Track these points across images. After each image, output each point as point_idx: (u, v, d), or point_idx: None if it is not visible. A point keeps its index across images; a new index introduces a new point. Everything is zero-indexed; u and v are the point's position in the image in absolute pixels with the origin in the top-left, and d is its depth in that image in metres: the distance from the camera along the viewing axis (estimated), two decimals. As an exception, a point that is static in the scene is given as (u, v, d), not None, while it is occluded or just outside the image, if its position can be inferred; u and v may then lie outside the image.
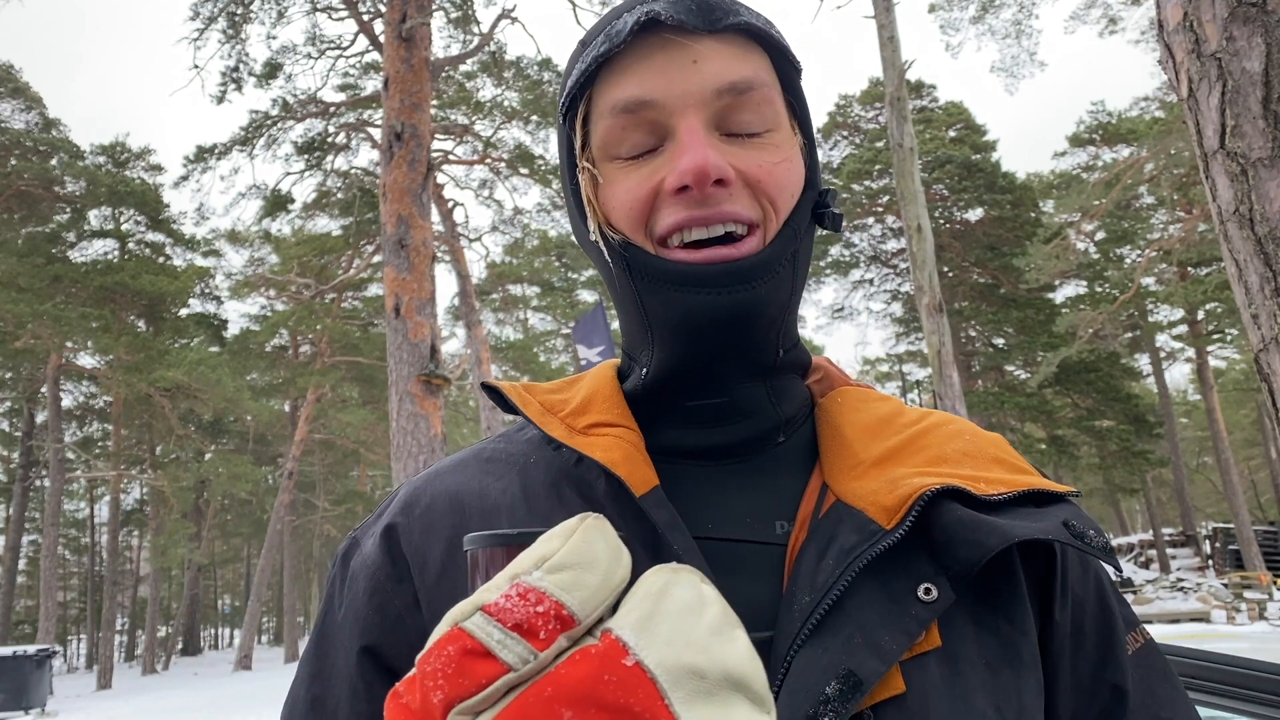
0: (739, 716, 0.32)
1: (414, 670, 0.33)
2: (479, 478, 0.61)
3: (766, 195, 0.56)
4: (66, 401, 27.42)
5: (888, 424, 0.61)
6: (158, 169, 26.23)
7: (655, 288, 0.56)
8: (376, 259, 18.54)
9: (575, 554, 0.33)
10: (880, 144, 24.34)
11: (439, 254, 14.79)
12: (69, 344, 22.70)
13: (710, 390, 0.59)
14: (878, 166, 24.22)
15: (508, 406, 0.63)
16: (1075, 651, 0.58)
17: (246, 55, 14.31)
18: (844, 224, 0.66)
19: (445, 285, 60.03)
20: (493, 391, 0.64)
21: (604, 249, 0.58)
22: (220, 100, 14.33)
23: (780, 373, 0.61)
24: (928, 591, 0.51)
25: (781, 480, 0.60)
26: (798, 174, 0.58)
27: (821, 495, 0.57)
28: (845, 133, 27.73)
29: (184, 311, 27.16)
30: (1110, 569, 0.57)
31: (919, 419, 0.62)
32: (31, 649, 13.79)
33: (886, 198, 24.64)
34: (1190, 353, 27.53)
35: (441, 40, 15.84)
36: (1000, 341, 26.27)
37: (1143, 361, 29.64)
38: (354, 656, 0.56)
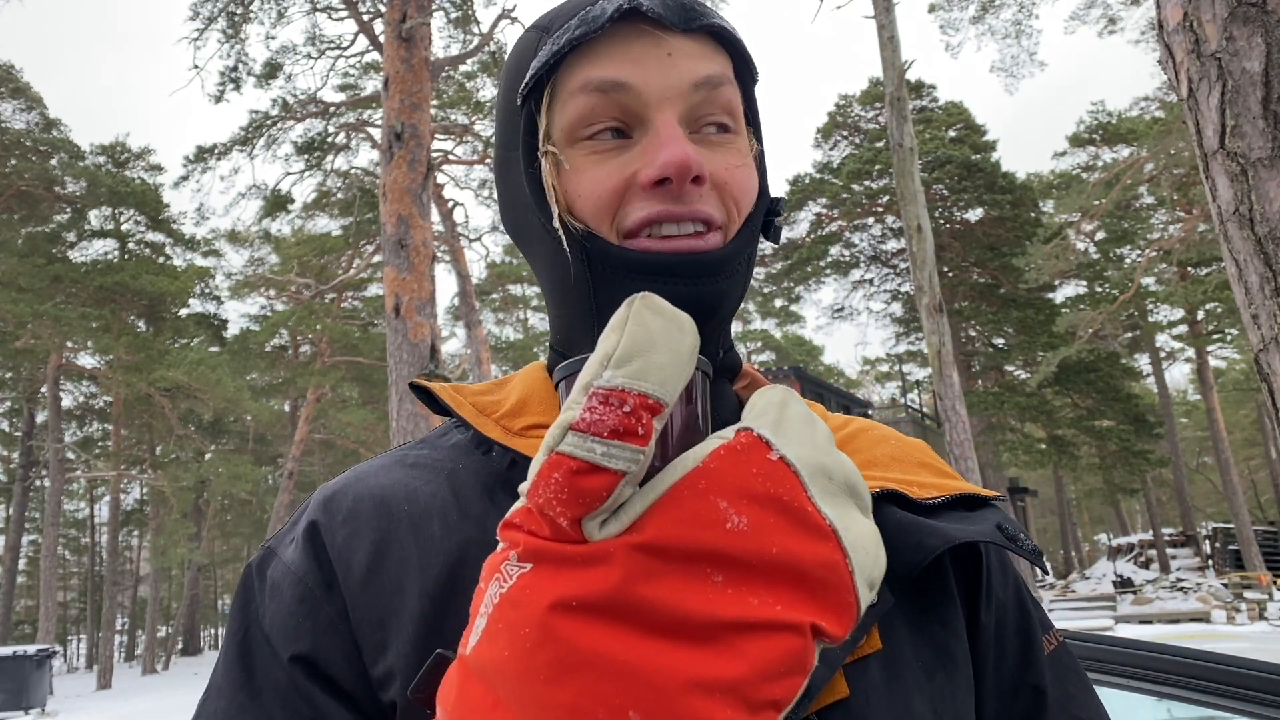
0: (859, 517, 0.34)
1: (521, 503, 0.34)
2: (405, 481, 0.57)
3: (731, 197, 0.55)
4: (66, 401, 27.43)
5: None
6: (158, 169, 26.22)
7: (615, 279, 0.54)
8: (376, 259, 18.54)
9: (635, 341, 0.33)
10: (880, 144, 24.34)
11: (439, 254, 14.78)
12: (69, 344, 22.70)
13: None
14: (878, 166, 24.22)
15: (439, 407, 0.60)
16: (999, 654, 0.59)
17: (246, 55, 14.32)
18: (781, 238, 0.65)
19: (445, 285, 60.09)
20: (422, 392, 0.61)
21: (563, 238, 0.55)
22: (219, 100, 14.34)
23: (718, 375, 0.61)
24: None
25: None
26: (755, 179, 0.58)
27: None
28: (845, 133, 27.72)
29: (184, 311, 27.15)
30: (1039, 570, 0.60)
31: (843, 424, 0.63)
32: (31, 649, 13.79)
33: (886, 198, 24.64)
34: (1190, 353, 27.53)
35: (441, 40, 15.85)
36: (1000, 341, 26.26)
37: (1143, 361, 29.65)
38: (285, 666, 0.52)
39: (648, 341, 0.33)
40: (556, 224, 0.55)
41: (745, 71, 0.59)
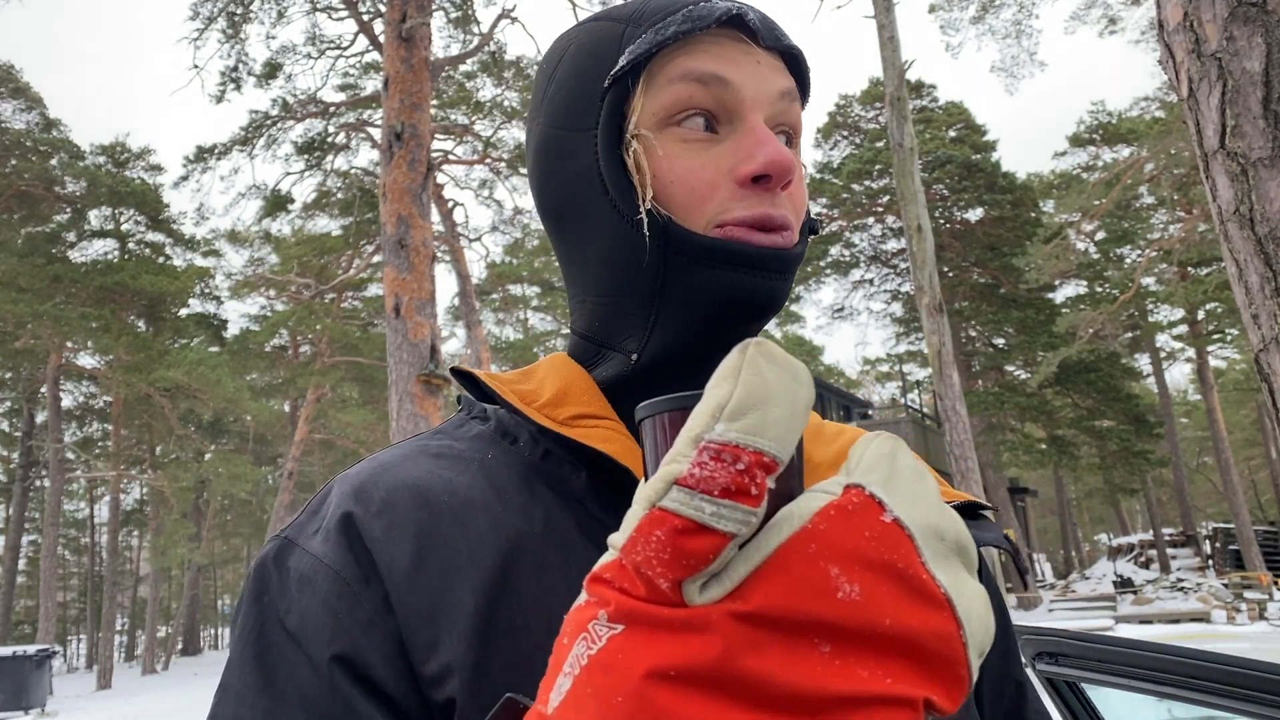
0: (970, 582, 0.32)
1: (613, 556, 0.32)
2: (437, 472, 0.56)
3: (797, 202, 0.58)
4: (66, 401, 27.44)
5: (818, 431, 0.64)
6: (158, 169, 26.23)
7: (692, 267, 0.54)
8: (376, 259, 18.54)
9: (751, 392, 0.31)
10: (880, 144, 24.35)
11: (439, 254, 14.79)
12: (69, 344, 22.72)
13: (694, 382, 0.58)
14: (878, 166, 24.22)
15: (481, 394, 0.60)
16: (991, 654, 0.63)
17: (246, 55, 14.32)
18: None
19: (445, 285, 60.05)
20: (465, 376, 0.61)
21: (644, 221, 0.55)
22: (219, 100, 14.35)
23: None
24: None
25: None
26: (806, 191, 0.62)
27: None
28: (845, 133, 27.73)
29: (184, 311, 27.16)
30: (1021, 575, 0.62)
31: (839, 430, 0.65)
32: (31, 649, 13.80)
33: (886, 198, 24.65)
34: (1190, 353, 27.54)
35: (441, 40, 15.85)
36: (1000, 341, 26.27)
37: (1143, 361, 29.66)
38: (324, 667, 0.49)
39: (764, 393, 0.31)
40: (647, 205, 0.55)
41: (805, 95, 0.63)
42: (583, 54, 0.59)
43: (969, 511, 0.59)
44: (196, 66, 13.24)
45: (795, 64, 0.60)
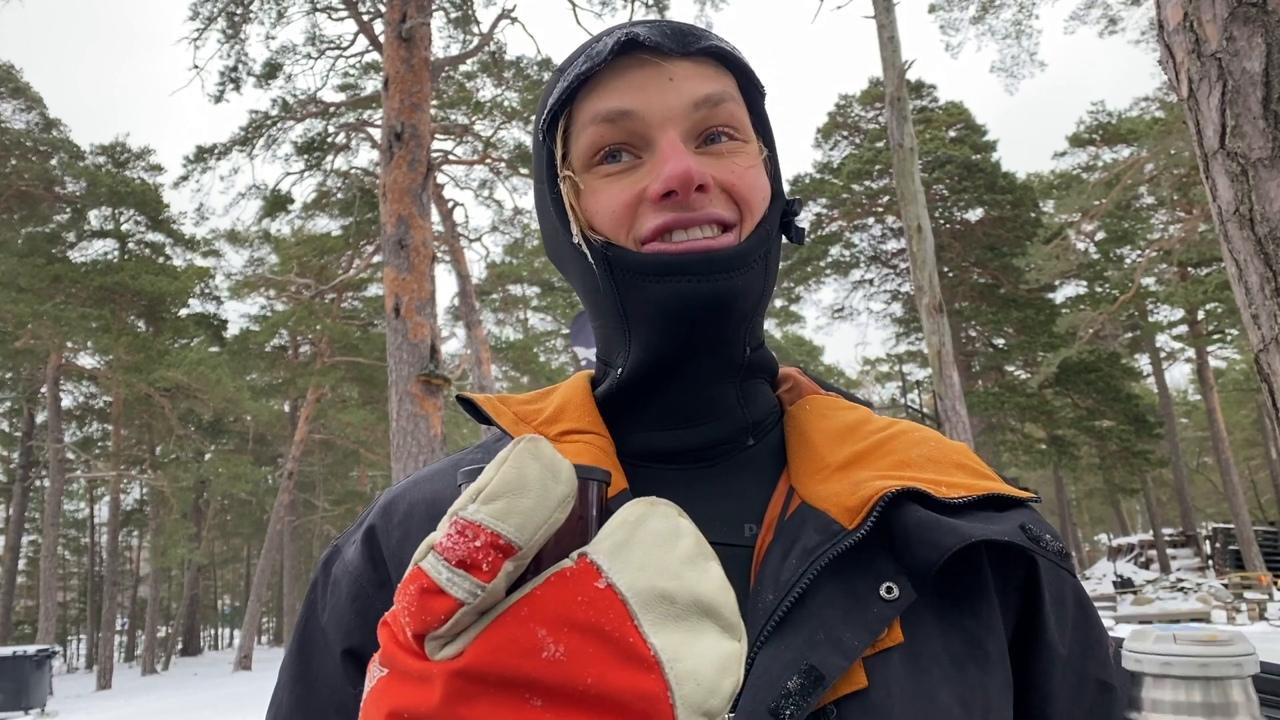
0: (708, 641, 0.33)
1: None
2: (456, 486, 0.61)
3: (740, 197, 0.59)
4: (66, 401, 27.41)
5: (854, 430, 0.63)
6: (158, 169, 26.22)
7: (637, 282, 0.58)
8: (376, 259, 18.54)
9: (505, 482, 0.34)
10: (880, 144, 24.33)
11: (439, 254, 14.79)
12: (69, 344, 22.70)
13: (681, 387, 0.61)
14: (878, 166, 24.21)
15: (482, 417, 0.66)
16: (1059, 648, 0.60)
17: (246, 55, 14.32)
18: (806, 239, 0.69)
19: (445, 285, 60.06)
20: (466, 403, 0.67)
21: (586, 251, 0.60)
22: (219, 100, 14.34)
23: (748, 374, 0.63)
24: (889, 590, 0.53)
25: (750, 484, 0.62)
26: (764, 181, 0.62)
27: (788, 498, 0.59)
28: (845, 133, 27.72)
29: (184, 311, 27.13)
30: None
31: (885, 426, 0.64)
32: (31, 649, 13.80)
33: (886, 198, 24.64)
34: (1190, 353, 27.53)
35: (441, 40, 15.84)
36: (1000, 341, 26.27)
37: (1143, 361, 29.64)
38: (338, 659, 0.58)
39: (518, 484, 0.34)
40: (577, 239, 0.60)
41: (750, 87, 0.63)
42: (537, 111, 0.65)
43: (1002, 504, 0.58)
44: (196, 67, 13.24)
45: (727, 61, 0.61)
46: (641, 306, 0.59)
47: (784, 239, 0.65)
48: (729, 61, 0.61)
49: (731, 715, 0.49)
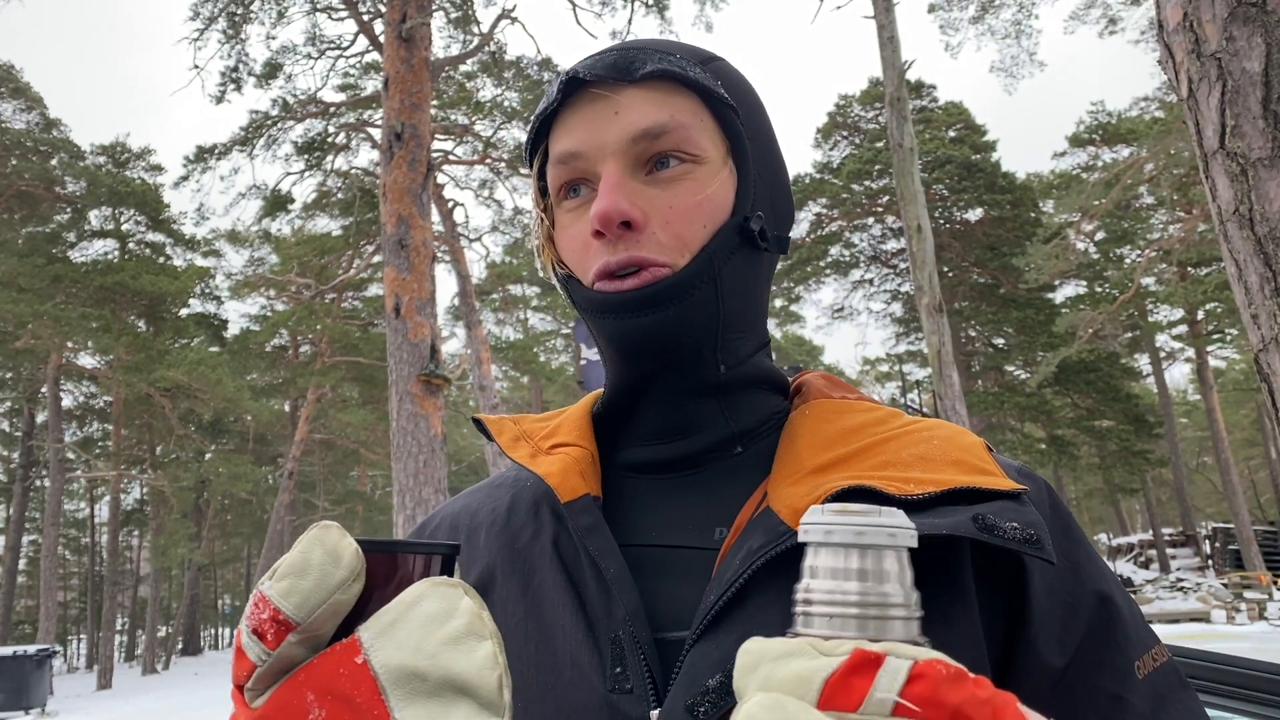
0: (456, 717, 0.36)
1: None
2: (481, 500, 0.69)
3: (675, 231, 0.59)
4: (66, 401, 27.42)
5: (855, 432, 0.61)
6: (158, 169, 26.22)
7: (590, 317, 0.62)
8: (376, 259, 18.53)
9: (291, 564, 0.38)
10: (880, 144, 24.33)
11: (439, 254, 14.79)
12: (69, 344, 22.70)
13: (654, 408, 0.64)
14: (878, 166, 24.21)
15: (489, 436, 0.70)
16: (1050, 660, 0.55)
17: (246, 55, 14.31)
18: (789, 247, 0.69)
19: (445, 285, 59.97)
20: (477, 423, 0.71)
21: (556, 284, 0.65)
22: (220, 100, 14.33)
23: (734, 388, 0.64)
24: None
25: (729, 490, 0.62)
26: (717, 205, 0.60)
27: (761, 502, 0.59)
28: (845, 133, 27.72)
29: (184, 311, 27.14)
30: (1044, 560, 0.53)
31: (897, 427, 0.61)
32: (31, 649, 13.81)
33: (886, 198, 24.63)
34: (1190, 353, 27.53)
35: (441, 40, 15.83)
36: (1000, 341, 26.26)
37: (1143, 361, 29.64)
38: None
39: (301, 567, 0.38)
40: (544, 273, 0.65)
41: (715, 102, 0.62)
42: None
43: (978, 498, 0.54)
44: (197, 67, 13.23)
45: (682, 81, 0.60)
46: (599, 338, 0.63)
47: (775, 251, 0.65)
48: (683, 82, 0.60)
49: (657, 711, 0.51)
